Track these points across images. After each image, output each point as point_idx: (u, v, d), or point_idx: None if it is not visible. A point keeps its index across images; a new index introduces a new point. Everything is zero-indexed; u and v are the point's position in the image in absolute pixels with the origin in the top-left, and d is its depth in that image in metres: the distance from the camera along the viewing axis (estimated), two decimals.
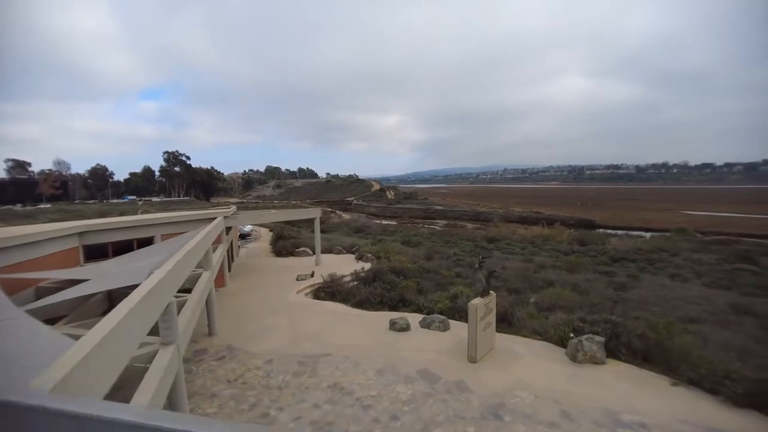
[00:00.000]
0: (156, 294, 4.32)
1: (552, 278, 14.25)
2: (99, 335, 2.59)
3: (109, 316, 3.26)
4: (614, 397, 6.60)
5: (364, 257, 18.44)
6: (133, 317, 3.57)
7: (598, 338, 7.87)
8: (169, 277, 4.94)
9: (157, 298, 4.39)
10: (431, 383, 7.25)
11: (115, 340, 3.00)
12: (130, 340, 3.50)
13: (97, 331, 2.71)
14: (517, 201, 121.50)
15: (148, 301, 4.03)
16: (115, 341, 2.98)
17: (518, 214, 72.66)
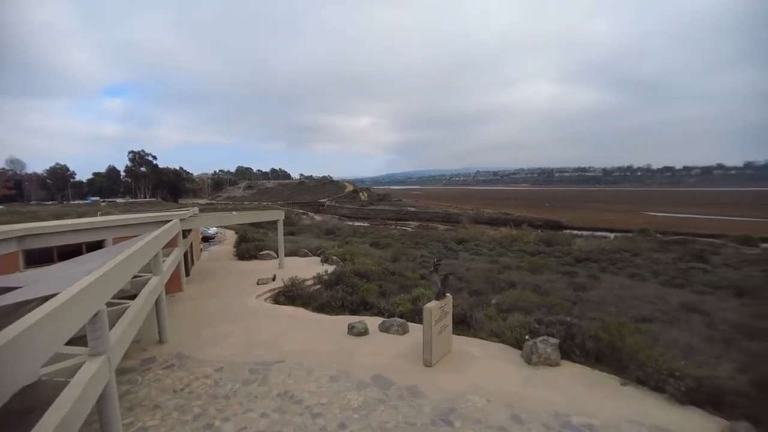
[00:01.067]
0: (79, 302, 3.98)
1: (515, 279, 14.34)
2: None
3: (7, 329, 2.94)
4: (566, 399, 6.58)
5: (329, 260, 18.15)
6: (41, 328, 3.24)
7: (553, 340, 7.87)
8: (98, 283, 4.59)
9: (80, 306, 4.04)
10: (384, 389, 7.06)
11: (11, 353, 2.70)
12: (34, 354, 3.17)
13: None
14: (488, 203, 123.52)
15: (65, 309, 3.69)
16: (12, 355, 2.69)
17: (489, 216, 73.79)
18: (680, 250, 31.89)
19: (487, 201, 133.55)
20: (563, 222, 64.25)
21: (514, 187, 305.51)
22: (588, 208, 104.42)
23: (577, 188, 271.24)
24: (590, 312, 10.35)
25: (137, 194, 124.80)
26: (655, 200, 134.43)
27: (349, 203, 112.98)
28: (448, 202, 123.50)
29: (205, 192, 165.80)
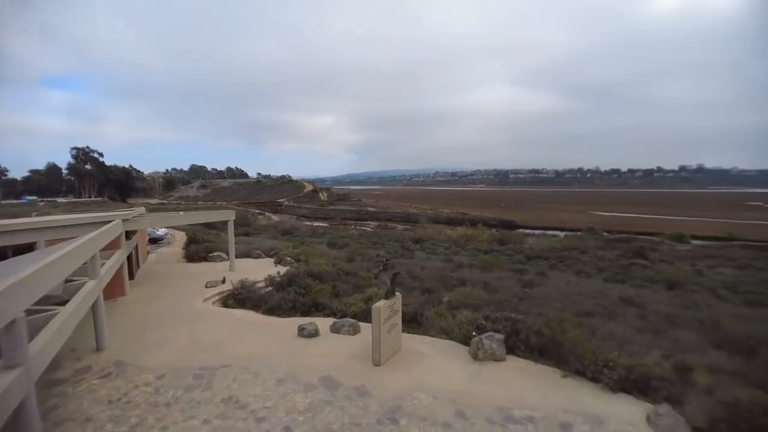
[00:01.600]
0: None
1: (466, 277, 14.68)
2: None
3: None
4: (509, 393, 6.79)
5: (283, 261, 17.85)
6: None
7: (498, 336, 8.12)
8: (13, 289, 4.26)
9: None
10: (332, 390, 7.02)
11: None
12: None
13: None
14: (447, 203, 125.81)
15: None
16: None
17: (446, 216, 75.15)
18: (623, 248, 33.84)
19: (446, 201, 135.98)
20: (517, 221, 66.51)
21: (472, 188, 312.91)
22: (541, 208, 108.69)
23: (530, 189, 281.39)
24: (536, 308, 10.75)
25: (81, 194, 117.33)
26: (603, 200, 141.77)
27: (308, 203, 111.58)
28: (407, 202, 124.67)
29: (157, 191, 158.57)
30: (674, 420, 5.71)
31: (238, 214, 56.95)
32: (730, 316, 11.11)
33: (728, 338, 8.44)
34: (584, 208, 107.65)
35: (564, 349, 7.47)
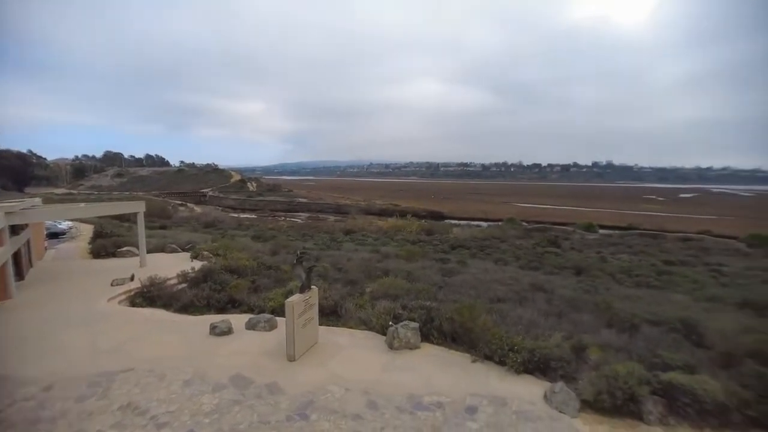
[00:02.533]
0: None
1: (391, 268, 14.85)
2: None
3: None
4: (421, 380, 6.96)
5: (200, 256, 16.89)
6: None
7: (413, 324, 8.28)
8: None
9: None
10: (242, 389, 6.74)
11: None
12: None
13: None
14: (380, 194, 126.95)
15: None
16: None
17: (379, 207, 75.82)
18: (539, 237, 36.30)
19: (379, 193, 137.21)
20: (444, 212, 68.88)
21: (404, 180, 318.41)
22: (467, 199, 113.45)
23: (459, 181, 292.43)
24: (453, 296, 11.15)
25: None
26: (524, 193, 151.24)
27: (235, 194, 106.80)
28: (341, 194, 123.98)
29: (64, 180, 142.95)
30: (567, 395, 6.17)
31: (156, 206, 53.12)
32: (622, 298, 12.32)
33: (617, 318, 9.31)
34: (507, 200, 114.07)
35: (474, 335, 7.81)
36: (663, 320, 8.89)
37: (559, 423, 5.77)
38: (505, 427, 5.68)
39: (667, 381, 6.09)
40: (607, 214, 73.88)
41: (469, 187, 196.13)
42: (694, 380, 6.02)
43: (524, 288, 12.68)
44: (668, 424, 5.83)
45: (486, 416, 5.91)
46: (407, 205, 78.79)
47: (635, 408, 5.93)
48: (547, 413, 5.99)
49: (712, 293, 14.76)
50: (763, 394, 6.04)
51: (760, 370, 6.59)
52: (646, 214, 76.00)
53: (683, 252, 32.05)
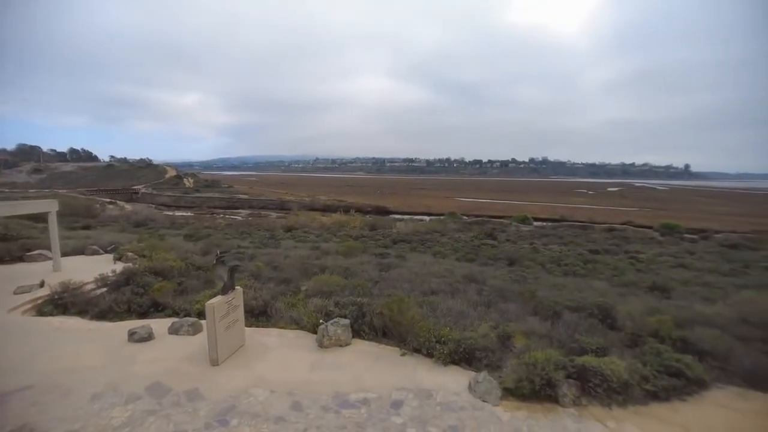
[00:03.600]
0: None
1: (329, 264, 14.66)
2: None
3: None
4: (349, 377, 6.88)
5: (123, 257, 15.75)
6: None
7: (344, 321, 8.19)
8: None
9: None
10: (158, 398, 6.31)
11: None
12: None
13: None
14: (325, 190, 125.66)
15: None
16: None
17: (323, 203, 74.98)
18: (478, 230, 37.54)
19: (324, 188, 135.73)
20: (390, 208, 69.48)
21: (351, 175, 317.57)
22: (412, 194, 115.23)
23: (405, 177, 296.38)
24: (388, 290, 11.18)
25: None
26: (466, 188, 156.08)
27: (170, 190, 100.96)
28: (285, 189, 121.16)
29: None
30: (489, 384, 6.36)
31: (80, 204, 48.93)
32: (549, 286, 12.98)
33: (542, 306, 9.77)
34: (450, 194, 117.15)
35: (403, 328, 7.85)
36: (582, 306, 9.43)
37: (481, 412, 5.93)
38: (429, 419, 5.74)
39: (581, 364, 6.45)
40: (541, 207, 78.06)
41: (414, 183, 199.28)
42: (603, 362, 6.42)
43: (457, 280, 12.99)
44: (581, 405, 6.18)
45: (411, 410, 5.94)
46: (353, 201, 78.61)
47: (552, 392, 6.22)
48: (470, 403, 6.14)
49: (628, 279, 15.99)
50: (659, 370, 6.58)
51: (658, 348, 7.18)
52: (577, 207, 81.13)
53: (608, 241, 34.52)
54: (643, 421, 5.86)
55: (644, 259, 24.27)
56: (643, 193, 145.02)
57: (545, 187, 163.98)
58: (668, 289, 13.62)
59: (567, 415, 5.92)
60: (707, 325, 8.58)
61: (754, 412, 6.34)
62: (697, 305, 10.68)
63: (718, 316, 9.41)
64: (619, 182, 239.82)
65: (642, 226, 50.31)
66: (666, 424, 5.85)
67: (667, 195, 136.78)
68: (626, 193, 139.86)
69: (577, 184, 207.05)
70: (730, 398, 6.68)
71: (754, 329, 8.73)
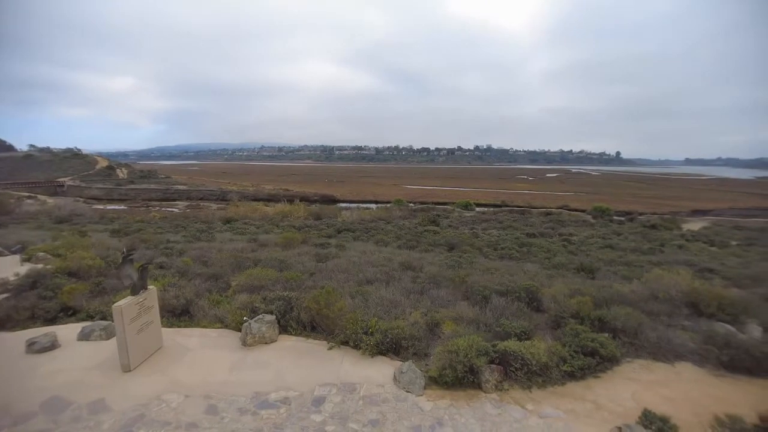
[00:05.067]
0: None
1: (265, 257, 14.14)
2: None
3: None
4: (271, 376, 6.59)
5: (33, 258, 14.32)
6: None
7: (269, 317, 7.87)
8: None
9: None
10: (55, 415, 5.71)
11: None
12: None
13: None
14: (271, 179, 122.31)
15: None
16: None
17: (268, 192, 72.87)
18: (422, 216, 38.01)
19: (270, 177, 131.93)
20: (337, 196, 68.83)
21: (299, 164, 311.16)
22: (361, 182, 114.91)
23: (354, 165, 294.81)
24: (323, 281, 10.92)
25: None
26: (414, 175, 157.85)
27: (101, 182, 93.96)
28: (228, 179, 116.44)
29: None
30: (413, 374, 6.33)
31: None
32: (483, 271, 13.27)
33: (472, 291, 9.93)
34: (398, 182, 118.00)
35: (330, 321, 7.66)
36: (511, 290, 9.67)
37: (404, 403, 5.88)
38: (350, 414, 5.61)
39: (502, 349, 6.58)
40: (484, 193, 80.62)
41: (363, 170, 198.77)
42: (524, 346, 6.58)
43: (394, 268, 12.96)
44: (503, 389, 6.30)
45: (332, 406, 5.78)
46: (299, 190, 77.09)
47: (475, 378, 6.30)
48: (394, 394, 6.07)
49: (559, 261, 16.76)
50: (576, 350, 6.86)
51: (577, 329, 7.49)
52: (518, 192, 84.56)
53: (544, 225, 36.22)
54: (560, 401, 6.08)
55: (576, 241, 25.67)
56: (579, 179, 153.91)
57: (489, 174, 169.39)
58: (593, 270, 14.39)
59: (488, 401, 6.01)
60: (623, 303, 9.09)
61: (656, 382, 6.79)
62: (617, 284, 11.30)
63: (633, 294, 10.03)
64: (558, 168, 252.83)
65: (576, 209, 53.33)
66: (580, 401, 6.11)
67: (600, 180, 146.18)
68: (563, 179, 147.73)
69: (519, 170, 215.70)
70: (636, 371, 7.11)
71: (661, 304, 9.39)
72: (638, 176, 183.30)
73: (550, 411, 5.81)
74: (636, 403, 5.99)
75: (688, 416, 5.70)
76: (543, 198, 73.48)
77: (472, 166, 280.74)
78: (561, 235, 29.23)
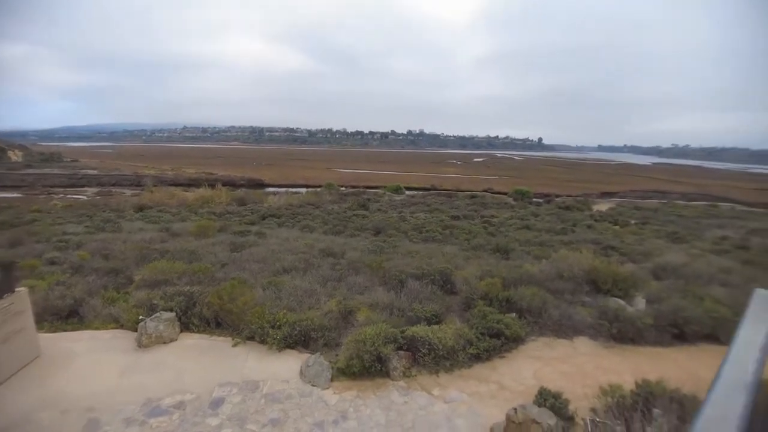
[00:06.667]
0: None
1: (173, 248, 13.10)
2: None
3: None
4: (166, 379, 6.06)
5: None
6: None
7: (168, 314, 7.23)
8: None
9: None
10: None
11: None
12: None
13: None
14: (193, 162, 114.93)
15: None
16: None
17: (189, 176, 68.41)
18: (353, 200, 37.79)
19: (192, 160, 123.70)
20: (265, 180, 66.25)
21: (225, 145, 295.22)
22: (292, 166, 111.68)
23: (285, 147, 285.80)
24: (235, 273, 10.33)
25: None
26: (348, 158, 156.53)
27: None
28: (146, 162, 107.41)
29: None
30: (320, 367, 6.12)
31: None
32: (404, 254, 13.34)
33: (389, 275, 9.89)
34: (330, 165, 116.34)
35: (235, 316, 7.21)
36: (426, 273, 9.75)
37: (308, 398, 5.66)
38: (250, 415, 5.29)
39: (411, 335, 6.55)
40: (415, 177, 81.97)
41: (295, 153, 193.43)
42: (431, 330, 6.62)
43: (315, 255, 12.62)
44: (410, 376, 6.29)
45: (231, 407, 5.42)
46: (224, 174, 73.22)
47: (383, 367, 6.22)
48: (298, 390, 5.84)
49: (478, 242, 17.37)
50: (483, 332, 7.03)
51: (485, 310, 7.69)
52: (447, 176, 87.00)
53: (468, 207, 37.60)
54: (466, 384, 6.19)
55: (496, 223, 26.89)
56: (503, 163, 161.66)
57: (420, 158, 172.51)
58: (509, 251, 15.07)
59: (396, 389, 5.97)
60: (531, 283, 9.54)
61: (556, 358, 7.18)
62: (528, 264, 11.88)
63: (541, 273, 10.57)
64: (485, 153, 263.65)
65: (499, 192, 55.95)
66: (484, 383, 6.27)
67: (522, 164, 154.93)
68: (489, 163, 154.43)
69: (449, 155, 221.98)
70: (539, 349, 7.48)
71: (565, 283, 9.99)
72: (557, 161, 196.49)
73: (455, 395, 5.89)
74: (537, 381, 6.26)
75: (579, 388, 6.06)
76: (470, 182, 76.27)
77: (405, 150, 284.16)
78: (483, 217, 30.46)
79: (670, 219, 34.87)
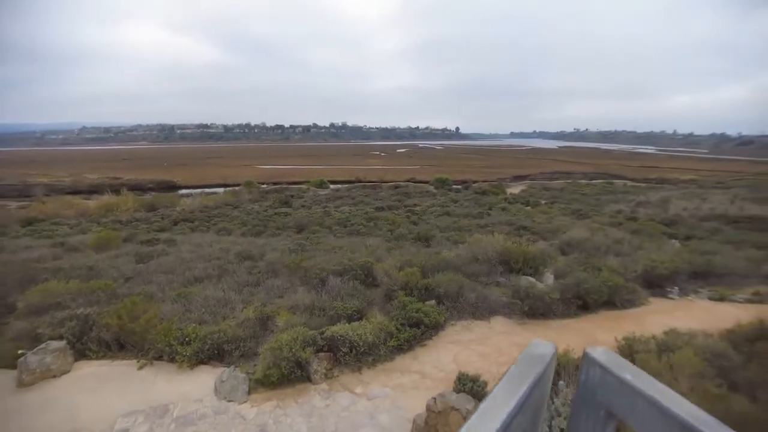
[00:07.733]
0: None
1: (67, 265, 11.71)
2: None
3: None
4: (57, 418, 5.35)
5: None
6: None
7: (56, 343, 6.41)
8: None
9: None
10: None
11: None
12: None
13: None
14: (95, 166, 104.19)
15: None
16: None
17: (91, 182, 61.83)
18: (274, 198, 36.58)
19: (94, 164, 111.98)
20: (178, 182, 61.81)
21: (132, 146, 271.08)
22: (208, 164, 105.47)
23: (199, 145, 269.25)
24: (140, 287, 9.48)
25: None
26: (268, 154, 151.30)
27: None
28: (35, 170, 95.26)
29: None
30: (234, 380, 5.79)
31: None
32: (326, 250, 13.14)
33: (310, 274, 9.66)
34: (250, 162, 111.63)
35: (138, 336, 6.58)
36: (348, 269, 9.66)
37: (224, 415, 5.33)
38: None
39: (330, 335, 6.43)
40: (339, 170, 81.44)
41: (211, 151, 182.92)
42: (351, 328, 6.54)
43: (230, 260, 11.98)
44: (332, 377, 6.18)
45: None
46: (131, 177, 67.15)
47: (303, 372, 6.05)
48: (213, 408, 5.47)
49: (400, 232, 17.65)
50: (403, 323, 7.11)
51: (404, 301, 7.79)
52: (371, 168, 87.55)
53: (392, 198, 38.13)
54: (388, 378, 6.22)
55: (419, 211, 27.55)
56: (424, 153, 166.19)
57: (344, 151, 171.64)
58: (429, 238, 15.50)
59: (317, 393, 5.83)
60: (449, 269, 9.86)
61: (474, 340, 7.48)
62: (446, 250, 12.25)
63: (458, 258, 10.98)
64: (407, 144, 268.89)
65: (422, 181, 57.39)
66: (407, 374, 6.34)
67: (442, 153, 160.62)
68: (411, 154, 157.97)
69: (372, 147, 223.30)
70: (458, 333, 7.75)
71: (481, 265, 10.47)
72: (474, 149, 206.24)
73: (378, 390, 5.89)
74: (456, 366, 6.44)
75: (495, 367, 6.36)
76: (394, 173, 77.40)
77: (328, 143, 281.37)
78: (406, 206, 31.06)
79: (574, 197, 38.26)
